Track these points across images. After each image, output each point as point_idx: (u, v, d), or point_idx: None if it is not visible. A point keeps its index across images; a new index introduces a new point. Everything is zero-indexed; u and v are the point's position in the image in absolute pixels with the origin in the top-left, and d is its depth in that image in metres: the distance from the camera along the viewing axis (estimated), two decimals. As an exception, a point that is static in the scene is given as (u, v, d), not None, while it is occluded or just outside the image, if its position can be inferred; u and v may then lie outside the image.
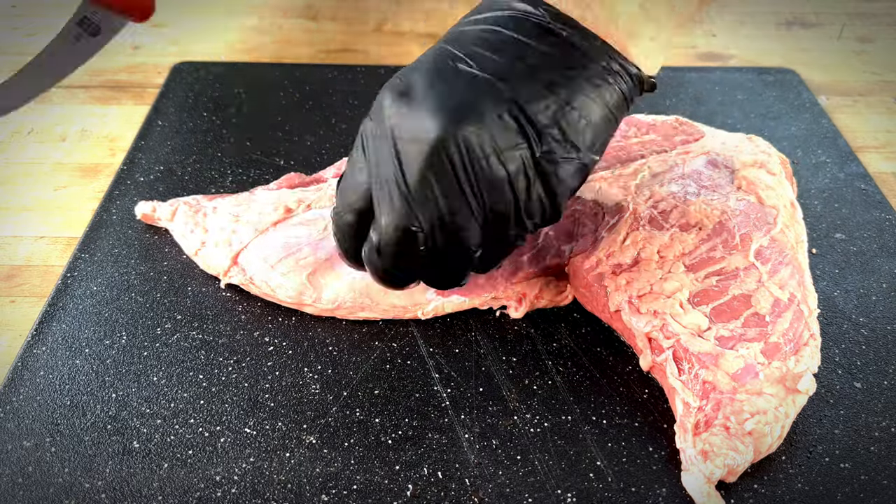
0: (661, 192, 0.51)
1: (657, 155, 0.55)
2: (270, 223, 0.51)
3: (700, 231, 0.49)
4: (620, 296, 0.47)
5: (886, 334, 0.50)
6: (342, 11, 0.89)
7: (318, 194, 0.53)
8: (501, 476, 0.42)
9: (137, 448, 0.43)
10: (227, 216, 0.52)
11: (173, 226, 0.54)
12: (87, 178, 0.64)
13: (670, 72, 0.76)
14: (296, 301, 0.49)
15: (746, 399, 0.42)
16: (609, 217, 0.50)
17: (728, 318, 0.45)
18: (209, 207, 0.54)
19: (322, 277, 0.49)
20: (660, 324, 0.45)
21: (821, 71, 0.80)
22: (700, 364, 0.43)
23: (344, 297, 0.49)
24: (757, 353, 0.43)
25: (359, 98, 0.71)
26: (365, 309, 0.49)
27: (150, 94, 0.74)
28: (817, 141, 0.67)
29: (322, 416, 0.45)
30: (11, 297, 0.54)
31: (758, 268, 0.47)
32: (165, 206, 0.55)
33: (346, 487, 0.41)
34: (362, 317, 0.49)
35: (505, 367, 0.48)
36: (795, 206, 0.53)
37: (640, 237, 0.49)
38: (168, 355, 0.48)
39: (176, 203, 0.55)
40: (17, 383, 0.46)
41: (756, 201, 0.51)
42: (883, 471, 0.42)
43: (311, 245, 0.49)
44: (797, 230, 0.51)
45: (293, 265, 0.49)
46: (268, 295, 0.50)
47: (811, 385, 0.43)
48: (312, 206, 0.52)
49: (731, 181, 0.52)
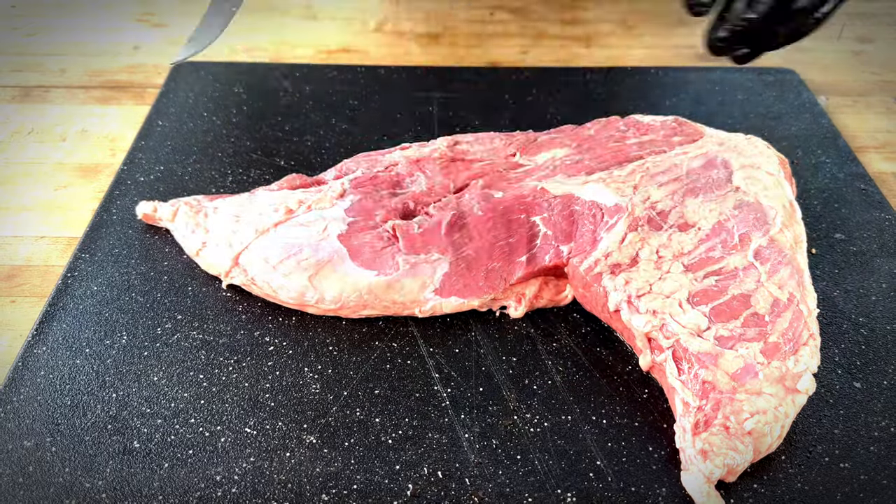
0: (660, 193, 0.51)
1: (656, 156, 0.55)
2: (272, 224, 0.51)
3: (699, 231, 0.49)
4: (619, 295, 0.47)
5: (886, 334, 0.50)
6: (342, 11, 0.89)
7: (318, 195, 0.53)
8: (501, 476, 0.42)
9: (138, 448, 0.43)
10: (228, 217, 0.52)
11: (174, 226, 0.54)
12: (88, 178, 0.64)
13: (670, 72, 0.76)
14: (298, 302, 0.49)
15: (746, 399, 0.42)
16: (608, 218, 0.50)
17: (727, 317, 0.45)
18: (210, 208, 0.54)
19: (324, 278, 0.49)
20: (659, 323, 0.45)
21: (821, 71, 0.80)
22: (700, 364, 0.43)
23: (347, 296, 0.49)
24: (756, 352, 0.43)
25: (359, 98, 0.71)
26: (367, 307, 0.49)
27: (150, 94, 0.74)
28: (817, 141, 0.67)
29: (322, 416, 0.45)
30: (12, 297, 0.54)
31: (757, 268, 0.47)
32: (166, 206, 0.55)
33: (346, 487, 0.41)
34: (364, 314, 0.50)
35: (505, 367, 0.48)
36: (794, 207, 0.53)
37: (638, 238, 0.49)
38: (168, 355, 0.48)
39: (177, 203, 0.55)
40: (18, 383, 0.46)
41: (755, 201, 0.51)
42: (882, 471, 0.42)
43: (311, 246, 0.49)
44: (796, 230, 0.51)
45: (294, 266, 0.49)
46: (269, 296, 0.50)
47: (811, 385, 0.43)
48: (313, 206, 0.52)
49: (730, 181, 0.52)
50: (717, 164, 0.53)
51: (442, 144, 0.57)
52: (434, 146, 0.57)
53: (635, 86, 0.74)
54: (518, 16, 0.89)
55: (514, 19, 0.89)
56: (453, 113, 0.69)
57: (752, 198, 0.50)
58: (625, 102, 0.72)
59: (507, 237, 0.51)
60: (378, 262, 0.49)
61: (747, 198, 0.51)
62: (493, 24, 0.88)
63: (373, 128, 0.68)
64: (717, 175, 0.53)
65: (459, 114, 0.69)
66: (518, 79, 0.75)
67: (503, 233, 0.51)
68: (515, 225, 0.51)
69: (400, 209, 0.52)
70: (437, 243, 0.50)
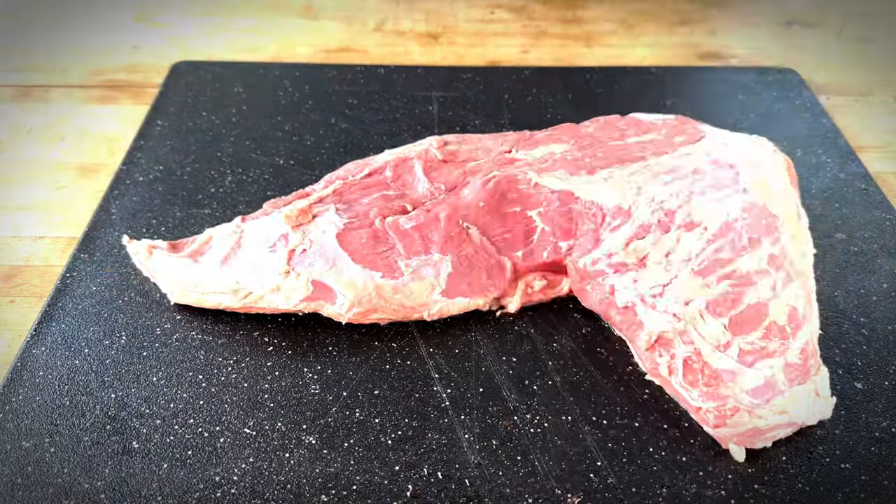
0: (664, 193, 0.51)
1: (658, 156, 0.54)
2: (282, 272, 0.50)
3: (705, 231, 0.48)
4: (630, 293, 0.47)
5: (887, 334, 0.50)
6: (342, 11, 0.89)
7: (310, 217, 0.51)
8: (501, 476, 0.42)
9: (137, 448, 0.43)
10: (223, 271, 0.50)
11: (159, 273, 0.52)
12: (87, 178, 0.64)
13: (670, 72, 0.76)
14: (314, 310, 0.49)
15: (765, 416, 0.42)
16: (610, 219, 0.50)
17: (747, 329, 0.45)
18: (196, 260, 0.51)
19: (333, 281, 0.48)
20: (680, 328, 0.45)
21: (821, 71, 0.80)
22: (720, 380, 0.44)
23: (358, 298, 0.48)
24: (778, 370, 0.44)
25: (359, 98, 0.71)
26: (378, 310, 0.49)
27: (150, 94, 0.74)
28: (817, 141, 0.67)
29: (322, 416, 0.45)
30: (11, 297, 0.53)
31: (772, 274, 0.46)
32: (146, 256, 0.52)
33: (346, 487, 0.41)
34: (373, 319, 0.49)
35: (505, 367, 0.48)
36: (801, 215, 0.52)
37: (644, 240, 0.48)
38: (168, 355, 0.48)
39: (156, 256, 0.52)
40: (17, 383, 0.46)
41: (763, 206, 0.50)
42: (883, 471, 0.42)
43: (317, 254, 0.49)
44: (804, 242, 0.51)
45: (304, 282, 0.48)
46: (277, 310, 0.49)
47: (829, 409, 0.44)
48: (307, 233, 0.51)
49: (736, 182, 0.51)
50: (723, 164, 0.53)
51: (432, 146, 0.57)
52: (423, 146, 0.57)
53: (635, 86, 0.73)
54: (518, 15, 0.89)
55: (515, 19, 0.88)
56: (453, 113, 0.69)
57: (761, 201, 0.50)
58: (625, 102, 0.71)
59: (503, 232, 0.51)
60: (380, 264, 0.49)
61: (755, 200, 0.50)
62: (494, 23, 0.87)
63: (373, 128, 0.67)
64: (723, 176, 0.52)
65: (459, 114, 0.69)
66: (518, 78, 0.74)
67: (499, 226, 0.51)
68: (511, 219, 0.51)
69: (395, 209, 0.52)
70: (435, 241, 0.50)
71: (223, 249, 0.50)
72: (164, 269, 0.50)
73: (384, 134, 0.67)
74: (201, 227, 0.54)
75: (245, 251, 0.50)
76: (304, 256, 0.49)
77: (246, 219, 0.52)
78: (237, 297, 0.49)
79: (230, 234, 0.51)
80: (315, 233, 0.50)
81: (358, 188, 0.54)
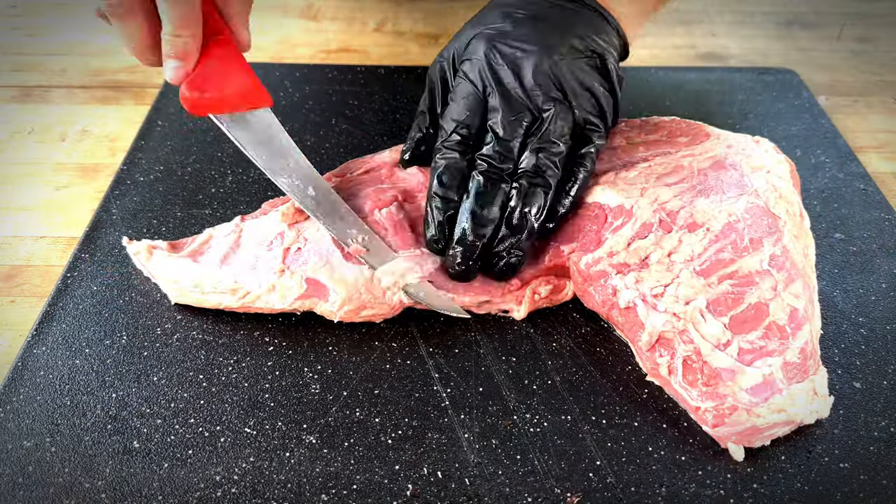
0: (667, 194, 0.51)
1: (661, 157, 0.54)
2: (278, 270, 0.50)
3: (708, 232, 0.48)
4: (632, 293, 0.47)
5: (886, 334, 0.50)
6: (342, 11, 0.89)
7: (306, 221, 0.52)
8: (501, 476, 0.42)
9: (137, 448, 0.43)
10: (221, 272, 0.50)
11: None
12: (87, 178, 0.64)
13: (670, 72, 0.76)
14: (308, 308, 0.49)
15: (764, 415, 0.42)
16: (613, 219, 0.50)
17: (747, 328, 0.45)
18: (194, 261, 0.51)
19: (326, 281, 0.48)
20: (680, 328, 0.45)
21: (821, 71, 0.80)
22: (719, 379, 0.44)
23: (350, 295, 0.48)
24: (777, 368, 0.44)
25: (359, 98, 0.71)
26: (367, 306, 0.49)
27: (150, 94, 0.74)
28: (817, 141, 0.67)
29: (322, 416, 0.45)
30: (11, 297, 0.54)
31: (773, 275, 0.47)
32: (146, 257, 0.52)
33: (346, 487, 0.41)
34: (366, 317, 0.49)
35: (505, 367, 0.48)
36: (804, 216, 0.52)
37: (646, 239, 0.48)
38: (168, 355, 0.48)
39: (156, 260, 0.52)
40: (18, 383, 0.46)
41: (766, 207, 0.50)
42: (882, 471, 0.42)
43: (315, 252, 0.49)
44: (806, 241, 0.51)
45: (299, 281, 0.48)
46: (275, 310, 0.50)
47: (825, 409, 0.44)
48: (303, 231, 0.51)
49: (739, 184, 0.51)
50: (727, 165, 0.52)
51: None
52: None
53: (635, 86, 0.73)
54: (518, 16, 0.89)
55: (514, 19, 0.88)
56: (453, 113, 0.69)
57: (764, 202, 0.50)
58: (625, 102, 0.71)
59: None
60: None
61: (759, 202, 0.50)
62: (493, 24, 0.87)
63: (373, 128, 0.68)
64: (728, 177, 0.52)
65: (459, 114, 0.69)
66: (518, 79, 0.74)
67: None
68: None
69: (387, 201, 0.52)
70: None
71: (222, 249, 0.50)
72: (164, 269, 0.50)
73: (384, 134, 0.67)
74: (202, 227, 0.54)
75: (244, 250, 0.50)
76: (299, 254, 0.49)
77: (245, 218, 0.52)
78: (236, 296, 0.49)
79: (229, 233, 0.51)
80: (310, 230, 0.50)
81: (354, 185, 0.54)
